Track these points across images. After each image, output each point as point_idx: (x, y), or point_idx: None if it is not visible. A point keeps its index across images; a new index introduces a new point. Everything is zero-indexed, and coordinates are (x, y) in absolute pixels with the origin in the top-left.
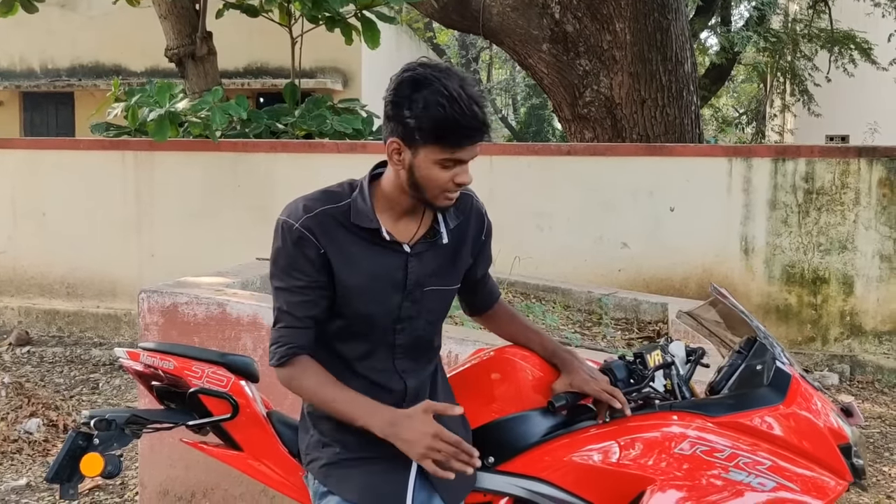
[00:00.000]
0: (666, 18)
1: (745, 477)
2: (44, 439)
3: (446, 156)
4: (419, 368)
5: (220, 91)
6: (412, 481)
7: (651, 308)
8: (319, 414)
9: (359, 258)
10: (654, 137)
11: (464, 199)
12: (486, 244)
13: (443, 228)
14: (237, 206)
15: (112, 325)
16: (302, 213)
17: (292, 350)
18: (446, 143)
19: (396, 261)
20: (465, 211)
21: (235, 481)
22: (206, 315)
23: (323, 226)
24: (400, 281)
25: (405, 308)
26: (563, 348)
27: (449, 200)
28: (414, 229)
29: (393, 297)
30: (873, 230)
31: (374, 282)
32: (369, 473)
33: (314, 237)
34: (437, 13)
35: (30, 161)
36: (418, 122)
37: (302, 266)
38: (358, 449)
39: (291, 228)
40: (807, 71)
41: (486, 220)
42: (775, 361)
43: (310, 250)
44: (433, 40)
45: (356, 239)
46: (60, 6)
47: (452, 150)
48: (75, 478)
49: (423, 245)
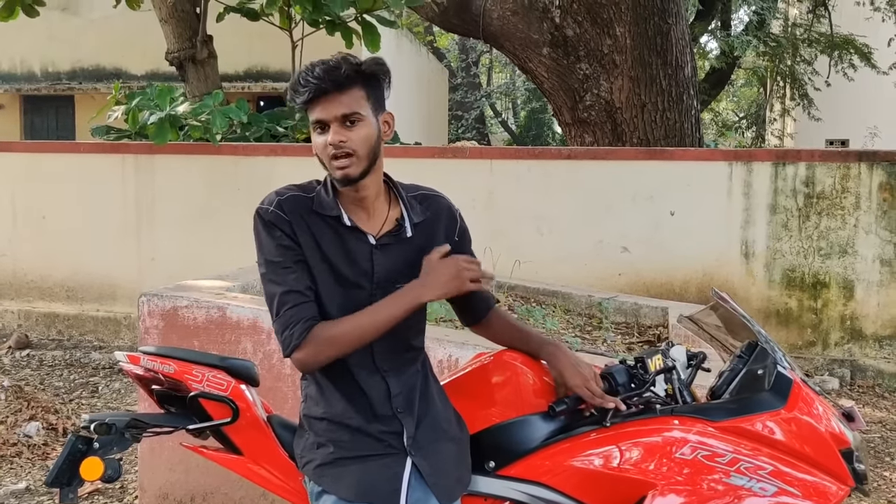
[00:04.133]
0: (666, 22)
1: (746, 482)
2: (43, 443)
3: (312, 119)
4: (401, 368)
5: (221, 94)
6: (406, 478)
7: (651, 312)
8: (313, 414)
9: (324, 243)
10: (654, 141)
11: (432, 198)
12: (462, 245)
13: (406, 223)
14: (237, 209)
15: (112, 328)
16: (274, 196)
17: (308, 323)
18: (305, 105)
19: (362, 250)
20: (432, 208)
21: (235, 485)
22: (207, 319)
23: (294, 209)
24: (367, 272)
25: (375, 300)
26: (548, 341)
27: (340, 169)
28: (380, 224)
29: (360, 286)
30: (874, 234)
31: (338, 268)
32: (364, 471)
33: (285, 215)
34: (438, 17)
35: (30, 164)
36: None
37: (286, 243)
38: (351, 448)
39: (267, 212)
40: (807, 75)
41: (460, 220)
42: (776, 366)
43: (284, 226)
44: (433, 44)
45: (323, 226)
46: (61, 9)
47: (311, 110)
48: (75, 482)
49: (388, 238)
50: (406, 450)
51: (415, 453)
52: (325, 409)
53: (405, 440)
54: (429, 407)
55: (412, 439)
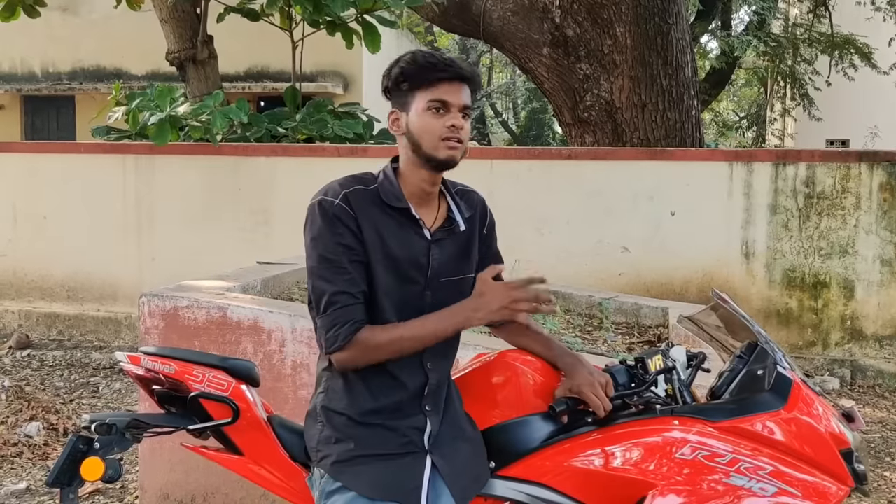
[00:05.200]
0: (666, 23)
1: (746, 482)
2: (44, 443)
3: (430, 97)
4: (443, 363)
5: (221, 95)
6: (426, 477)
7: (652, 312)
8: (334, 408)
9: (389, 238)
10: (654, 141)
11: (470, 194)
12: (490, 238)
13: (458, 217)
14: (238, 209)
15: (112, 328)
16: (339, 189)
17: (355, 326)
18: (426, 83)
19: (420, 245)
20: (471, 203)
21: (236, 485)
22: (207, 319)
23: (359, 201)
24: (424, 266)
25: (427, 297)
26: (568, 352)
27: (450, 150)
28: (433, 218)
29: (416, 282)
30: (874, 234)
31: (400, 264)
32: (385, 469)
33: (352, 210)
34: (438, 17)
35: (30, 165)
36: (401, 75)
37: (347, 240)
38: (373, 445)
39: (332, 205)
40: (807, 75)
41: (490, 215)
42: (776, 366)
43: (350, 222)
44: (434, 44)
45: (387, 218)
46: (62, 10)
47: (434, 90)
48: (76, 482)
49: (441, 232)
50: (426, 448)
51: (434, 452)
52: (348, 403)
53: (426, 438)
54: (449, 405)
55: (433, 437)
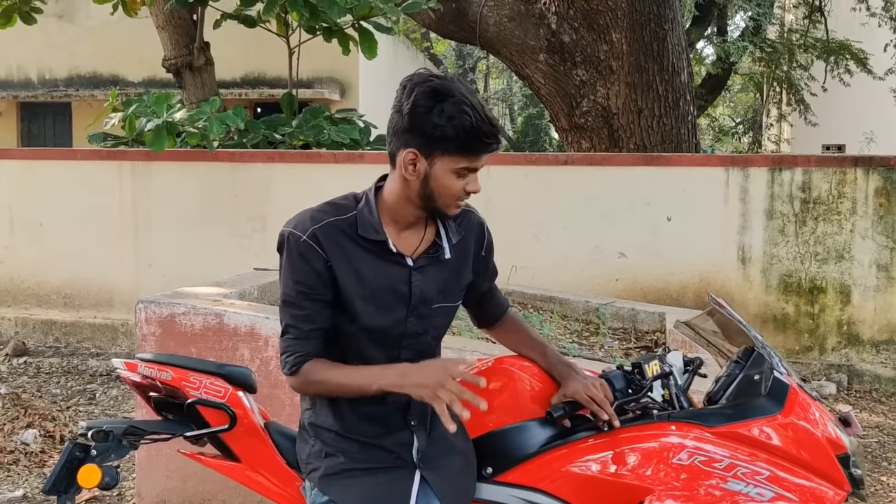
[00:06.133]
0: (662, 29)
1: (743, 487)
2: (40, 450)
3: (465, 164)
4: None
5: (218, 101)
6: (415, 491)
7: (648, 318)
8: (321, 424)
9: (364, 270)
10: (650, 147)
11: (465, 215)
12: (488, 259)
13: (445, 244)
14: (235, 216)
15: (109, 335)
16: (309, 224)
17: (301, 358)
18: (468, 151)
19: (400, 274)
20: (465, 226)
21: (233, 492)
22: (204, 325)
23: (330, 237)
24: (405, 295)
25: (410, 324)
26: (563, 360)
27: (458, 208)
28: (416, 243)
29: (397, 310)
30: (870, 239)
31: (379, 294)
32: (373, 483)
33: (321, 248)
34: (435, 24)
35: (27, 171)
36: (444, 131)
37: (308, 279)
38: (361, 459)
39: (299, 240)
40: (803, 81)
41: (487, 235)
42: (773, 371)
43: (317, 262)
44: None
45: (362, 251)
46: (58, 16)
47: (472, 159)
48: (72, 489)
49: (425, 259)
50: (415, 463)
51: (423, 466)
52: (334, 420)
53: (414, 453)
54: (438, 420)
55: (421, 453)
